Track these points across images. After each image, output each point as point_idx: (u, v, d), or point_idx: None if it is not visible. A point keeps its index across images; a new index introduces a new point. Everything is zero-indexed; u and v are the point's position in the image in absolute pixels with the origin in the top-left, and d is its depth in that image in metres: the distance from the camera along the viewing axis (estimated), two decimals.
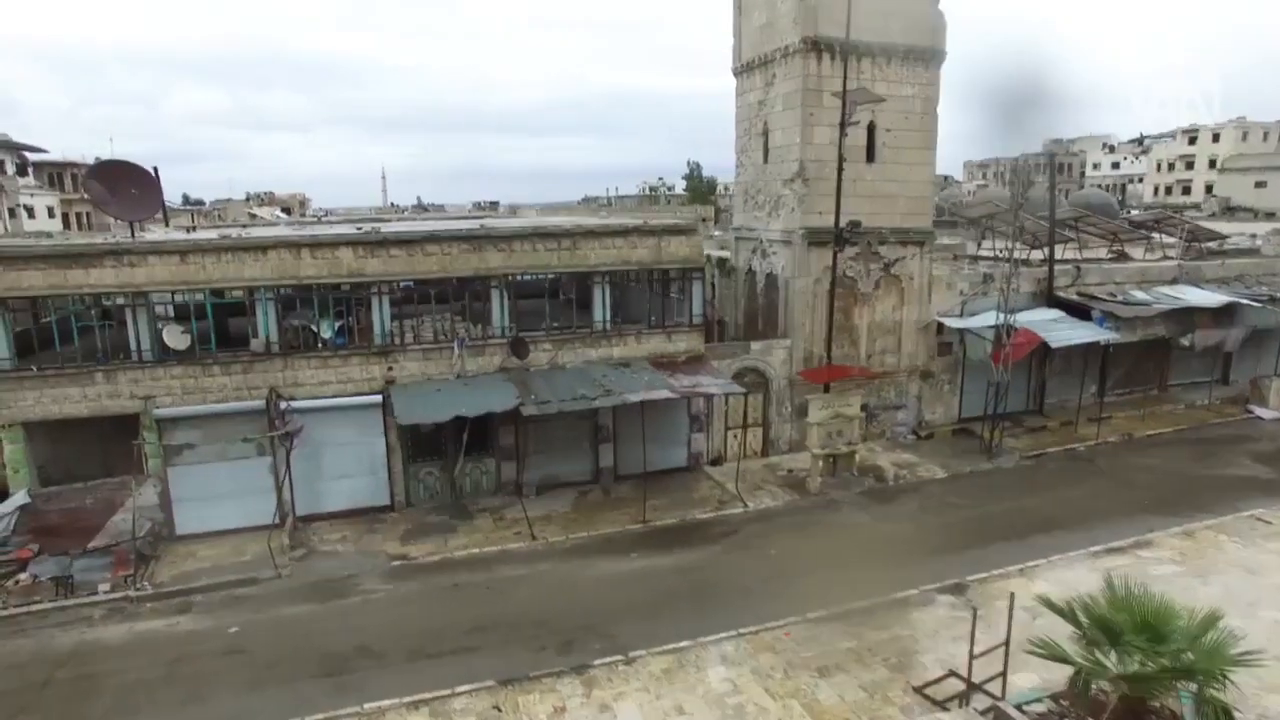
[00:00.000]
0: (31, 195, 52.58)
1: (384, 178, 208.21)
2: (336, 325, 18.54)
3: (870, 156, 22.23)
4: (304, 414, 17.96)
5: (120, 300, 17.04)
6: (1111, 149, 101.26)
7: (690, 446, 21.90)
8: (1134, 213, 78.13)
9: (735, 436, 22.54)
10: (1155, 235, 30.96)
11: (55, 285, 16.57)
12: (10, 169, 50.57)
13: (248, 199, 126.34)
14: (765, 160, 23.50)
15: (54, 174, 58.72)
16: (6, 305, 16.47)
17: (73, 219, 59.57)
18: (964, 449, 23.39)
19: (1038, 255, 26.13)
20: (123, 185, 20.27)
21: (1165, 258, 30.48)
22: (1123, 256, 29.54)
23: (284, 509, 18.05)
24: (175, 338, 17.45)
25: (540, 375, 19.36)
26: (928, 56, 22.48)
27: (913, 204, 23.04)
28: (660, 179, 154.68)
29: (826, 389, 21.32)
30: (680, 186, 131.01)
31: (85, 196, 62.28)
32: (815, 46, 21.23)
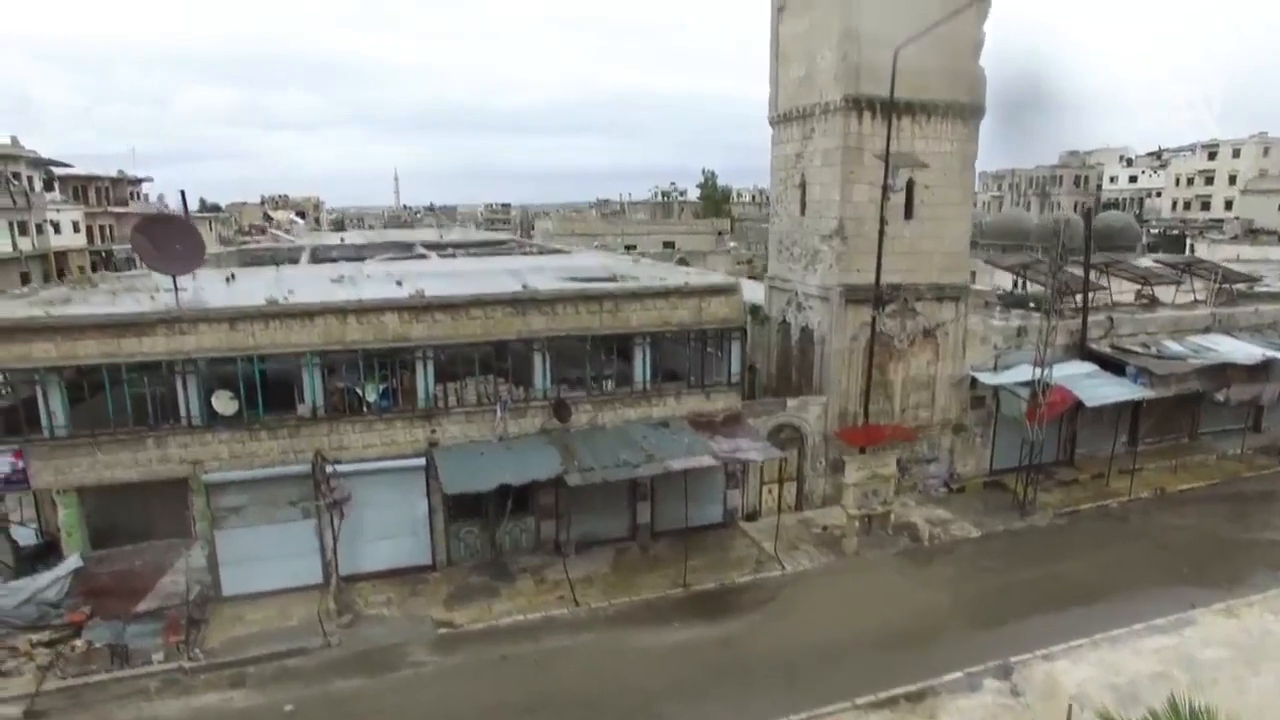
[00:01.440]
0: (58, 210, 53.00)
1: (396, 179, 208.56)
2: (381, 388, 18.71)
3: (909, 214, 22.25)
4: (349, 477, 18.16)
5: (171, 366, 17.22)
6: (1129, 162, 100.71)
7: (726, 502, 22.01)
8: (1153, 229, 77.76)
9: (770, 491, 22.64)
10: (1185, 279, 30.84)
11: (109, 353, 16.79)
12: (38, 185, 50.96)
13: (262, 202, 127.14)
14: (802, 213, 23.54)
15: (78, 187, 59.16)
16: (62, 374, 16.71)
17: (95, 232, 60.07)
18: (996, 504, 23.41)
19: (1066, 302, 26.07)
20: (167, 240, 20.36)
21: (1196, 301, 30.41)
22: (1153, 302, 29.47)
23: (328, 570, 18.27)
24: (224, 404, 17.65)
25: (581, 437, 19.49)
26: (967, 112, 22.48)
27: (949, 259, 23.07)
28: (673, 184, 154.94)
29: (862, 450, 21.38)
30: (692, 189, 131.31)
31: (109, 210, 62.75)
32: (856, 105, 21.25)
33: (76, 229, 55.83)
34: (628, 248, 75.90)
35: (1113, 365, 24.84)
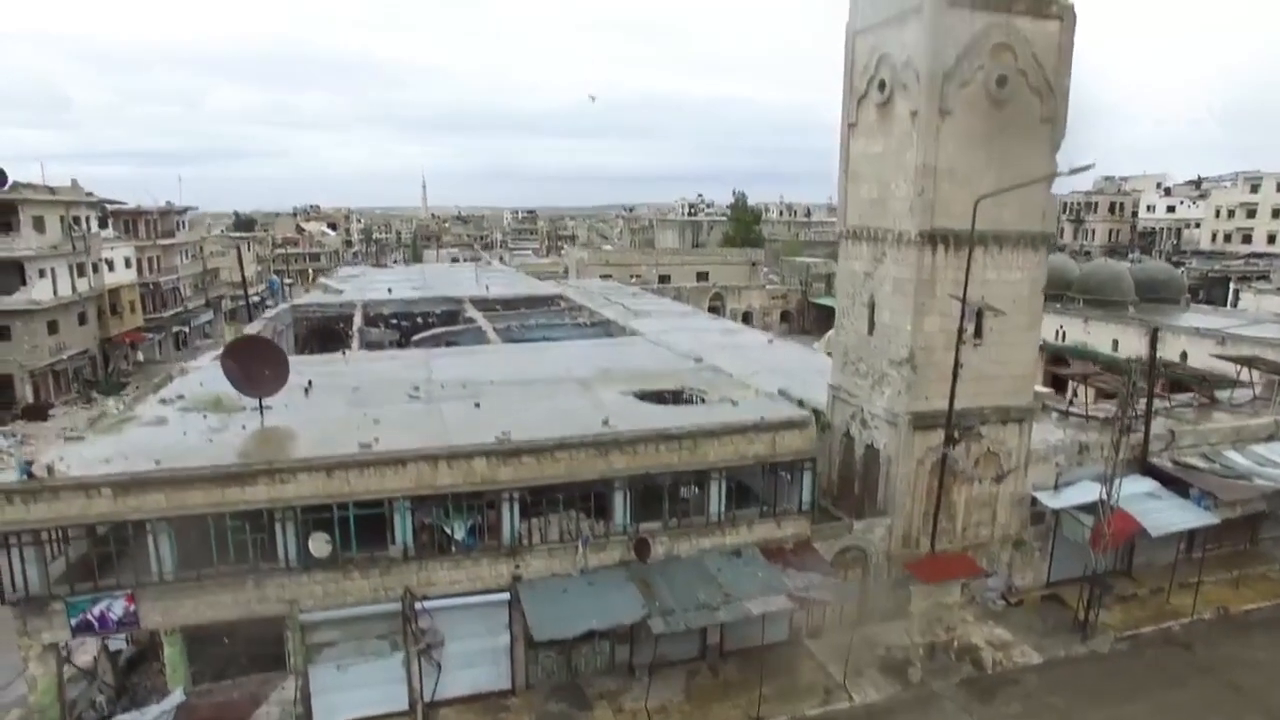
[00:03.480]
0: (112, 248, 54.22)
1: (424, 186, 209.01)
2: (468, 525, 19.29)
3: (977, 340, 22.45)
4: (436, 613, 18.82)
5: (270, 513, 17.90)
6: (1167, 191, 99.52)
7: (791, 620, 22.44)
8: (1193, 269, 76.77)
9: (833, 608, 23.02)
10: (1243, 373, 30.79)
11: (215, 503, 17.49)
12: (94, 225, 52.16)
13: (294, 214, 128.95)
14: (870, 333, 23.79)
15: (128, 221, 60.40)
16: (171, 523, 17.43)
17: (145, 264, 61.32)
18: (1056, 623, 23.65)
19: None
20: (255, 364, 21.28)
21: (1257, 398, 30.33)
22: (1212, 401, 29.46)
23: (414, 699, 18.96)
24: (319, 546, 18.30)
25: (659, 572, 19.99)
26: (1037, 241, 22.65)
27: (1015, 383, 23.26)
28: (699, 195, 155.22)
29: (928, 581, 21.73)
30: (716, 195, 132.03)
31: (157, 242, 63.99)
32: (931, 239, 21.47)
33: (128, 264, 57.07)
34: (661, 279, 76.89)
35: (1174, 481, 24.94)
